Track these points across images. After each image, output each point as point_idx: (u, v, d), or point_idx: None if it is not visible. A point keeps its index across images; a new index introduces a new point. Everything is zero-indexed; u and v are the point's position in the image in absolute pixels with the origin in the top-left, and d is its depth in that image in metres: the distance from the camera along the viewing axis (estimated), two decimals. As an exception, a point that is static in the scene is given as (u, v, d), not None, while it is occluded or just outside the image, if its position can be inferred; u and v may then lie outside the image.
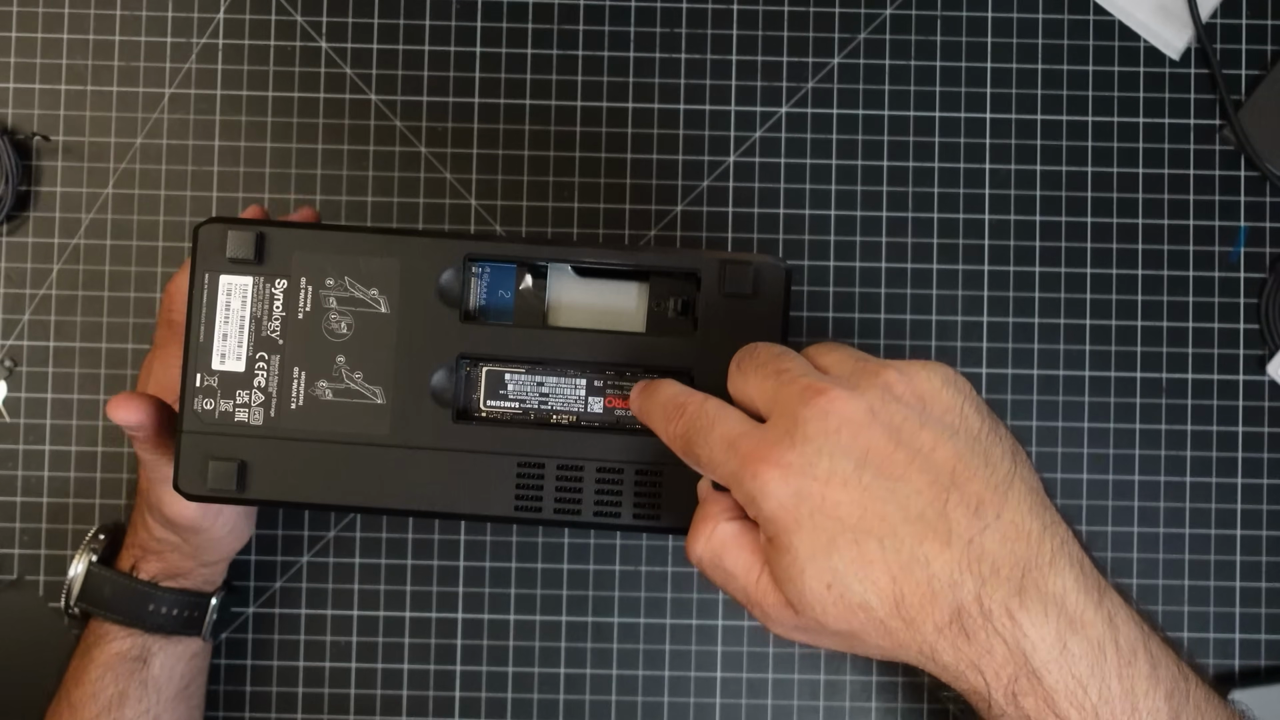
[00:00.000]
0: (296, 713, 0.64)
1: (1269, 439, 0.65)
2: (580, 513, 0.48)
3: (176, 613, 0.58)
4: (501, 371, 0.49)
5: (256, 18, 0.66)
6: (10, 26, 0.66)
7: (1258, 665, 0.64)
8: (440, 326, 0.48)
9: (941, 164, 0.65)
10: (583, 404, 0.49)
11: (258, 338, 0.48)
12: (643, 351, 0.48)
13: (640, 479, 0.48)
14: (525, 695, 0.64)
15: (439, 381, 0.48)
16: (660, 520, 0.48)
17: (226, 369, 0.48)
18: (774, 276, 0.47)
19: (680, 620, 0.64)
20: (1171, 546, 0.64)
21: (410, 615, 0.64)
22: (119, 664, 0.57)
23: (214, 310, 0.48)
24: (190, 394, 0.48)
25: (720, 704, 0.64)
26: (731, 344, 0.46)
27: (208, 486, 0.48)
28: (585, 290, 0.50)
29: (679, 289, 0.49)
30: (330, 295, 0.48)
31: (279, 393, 0.48)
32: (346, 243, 0.48)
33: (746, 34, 0.66)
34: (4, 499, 0.65)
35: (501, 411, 0.49)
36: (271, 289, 0.48)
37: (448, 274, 0.48)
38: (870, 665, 0.64)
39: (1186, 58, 0.66)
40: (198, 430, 0.48)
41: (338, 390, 0.48)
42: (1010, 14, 0.66)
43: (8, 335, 0.65)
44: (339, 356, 0.48)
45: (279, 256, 0.48)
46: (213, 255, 0.48)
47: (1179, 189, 0.65)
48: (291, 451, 0.48)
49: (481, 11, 0.66)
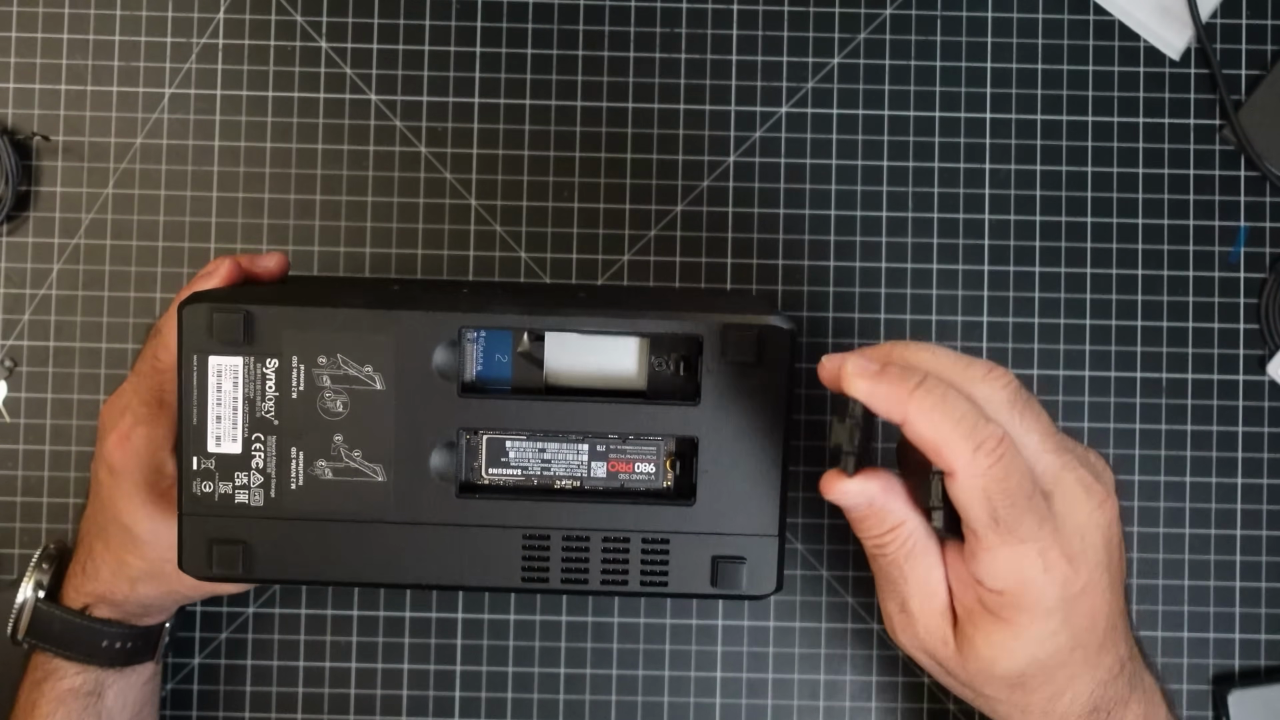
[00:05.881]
0: (296, 713, 0.64)
1: (1269, 439, 0.65)
2: (588, 582, 0.47)
3: (130, 645, 0.57)
4: (503, 439, 0.48)
5: (256, 18, 0.66)
6: (10, 26, 0.66)
7: (1258, 665, 0.64)
8: (438, 400, 0.47)
9: (941, 164, 0.65)
10: (585, 469, 0.48)
11: (252, 419, 0.47)
12: (644, 420, 0.47)
13: (647, 547, 0.47)
14: (525, 695, 0.64)
15: (439, 456, 0.47)
16: (668, 587, 0.47)
17: (223, 451, 0.47)
18: (778, 340, 0.46)
19: (680, 620, 0.64)
20: (1171, 546, 0.64)
21: (410, 615, 0.64)
22: (71, 699, 0.56)
23: (205, 392, 0.47)
24: (188, 476, 0.47)
25: (720, 704, 0.64)
26: (735, 410, 0.46)
27: (213, 570, 0.47)
28: (584, 348, 0.49)
29: (680, 345, 0.48)
30: (324, 373, 0.47)
31: (278, 473, 0.47)
32: (337, 320, 0.46)
33: (746, 34, 0.66)
34: (4, 499, 0.65)
35: (504, 479, 0.48)
36: (263, 369, 0.47)
37: (442, 347, 0.47)
38: (870, 665, 0.64)
39: (1186, 58, 0.66)
40: (198, 513, 0.47)
41: (337, 469, 0.47)
42: (1010, 14, 0.66)
43: (8, 335, 0.65)
44: (336, 435, 0.47)
45: (268, 335, 0.46)
46: (199, 336, 0.46)
47: (1179, 189, 0.65)
48: (294, 532, 0.47)
49: (481, 11, 0.66)
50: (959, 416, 0.39)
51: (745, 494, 0.47)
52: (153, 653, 0.58)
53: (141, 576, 0.55)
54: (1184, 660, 0.64)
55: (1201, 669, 0.64)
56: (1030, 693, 0.42)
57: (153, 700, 0.60)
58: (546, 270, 0.65)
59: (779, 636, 0.64)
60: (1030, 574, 0.39)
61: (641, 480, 0.49)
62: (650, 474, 0.49)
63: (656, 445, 0.48)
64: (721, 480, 0.47)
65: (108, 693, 0.57)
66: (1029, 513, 0.39)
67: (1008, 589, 0.40)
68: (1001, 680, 0.41)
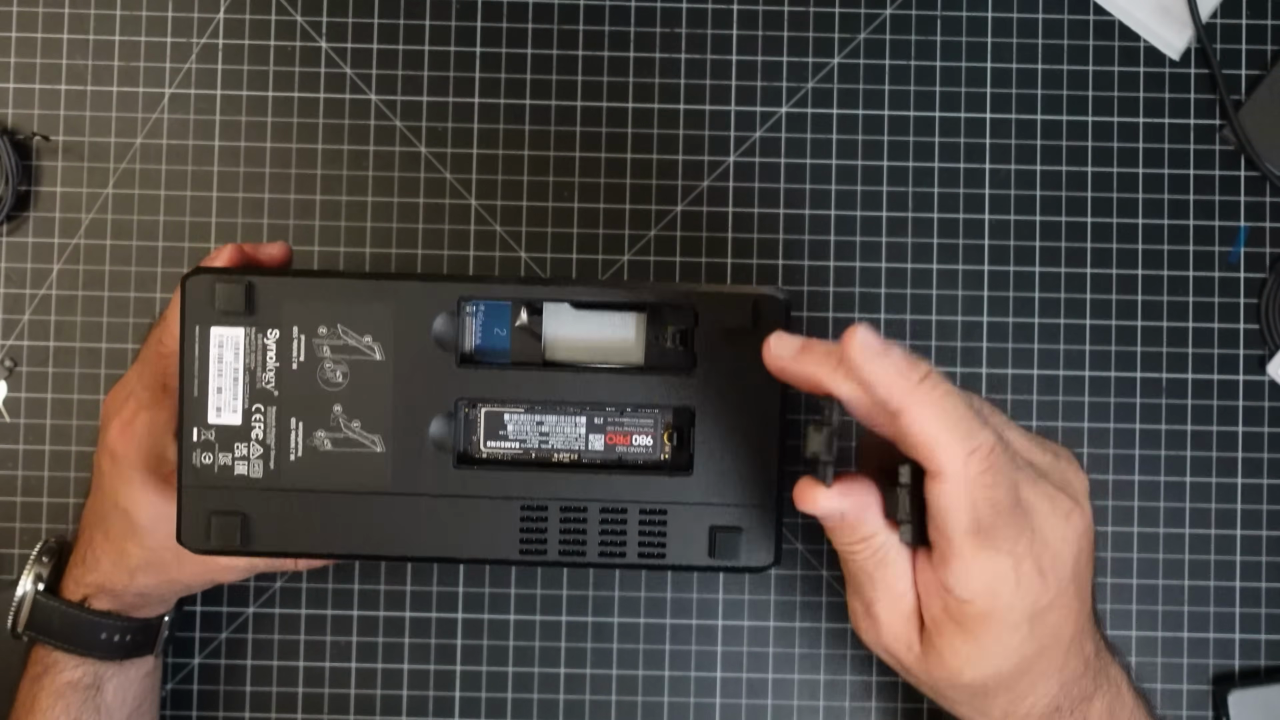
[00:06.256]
0: (296, 713, 0.64)
1: (1269, 439, 0.65)
2: (585, 554, 0.47)
3: (130, 639, 0.57)
4: (500, 412, 0.49)
5: (256, 18, 0.66)
6: (10, 26, 0.66)
7: (1258, 665, 0.64)
8: (437, 371, 0.47)
9: (941, 164, 0.65)
10: (583, 442, 0.49)
11: (253, 389, 0.47)
12: (642, 390, 0.48)
13: (645, 518, 0.47)
14: (525, 695, 0.64)
15: (438, 426, 0.47)
16: (666, 559, 0.47)
17: (223, 422, 0.47)
18: (773, 309, 0.47)
19: (680, 620, 0.64)
20: (1171, 546, 0.64)
21: (410, 615, 0.64)
22: (70, 693, 0.56)
23: (206, 363, 0.47)
24: (188, 448, 0.47)
25: (720, 704, 0.64)
26: (732, 381, 0.46)
27: (212, 542, 0.47)
28: (582, 323, 0.49)
29: (677, 318, 0.48)
30: (324, 344, 0.47)
31: (277, 444, 0.47)
32: (337, 290, 0.47)
33: (746, 34, 0.66)
34: (4, 499, 0.65)
35: (502, 452, 0.49)
36: (264, 339, 0.47)
37: (442, 317, 0.47)
38: (870, 665, 0.64)
39: (1186, 58, 0.66)
40: (198, 484, 0.47)
41: (336, 440, 0.47)
42: (1010, 14, 0.66)
43: (8, 335, 0.65)
44: (336, 406, 0.47)
45: (269, 306, 0.47)
46: (202, 307, 0.47)
47: (1179, 189, 0.65)
48: (293, 503, 0.47)
49: (481, 11, 0.66)
50: (959, 416, 0.38)
51: (742, 464, 0.47)
52: (152, 646, 0.58)
53: (141, 566, 0.55)
54: (1184, 660, 0.64)
55: (1201, 669, 0.64)
56: (992, 698, 0.42)
57: (152, 695, 0.60)
58: (546, 270, 0.65)
59: (779, 636, 0.64)
60: (1001, 586, 0.39)
61: (639, 453, 0.49)
62: (648, 446, 0.49)
63: (654, 417, 0.49)
64: (718, 451, 0.48)
65: (107, 686, 0.57)
66: (1010, 524, 0.39)
67: (977, 599, 0.39)
68: (965, 688, 0.41)
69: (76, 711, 0.56)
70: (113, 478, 0.54)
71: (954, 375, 0.65)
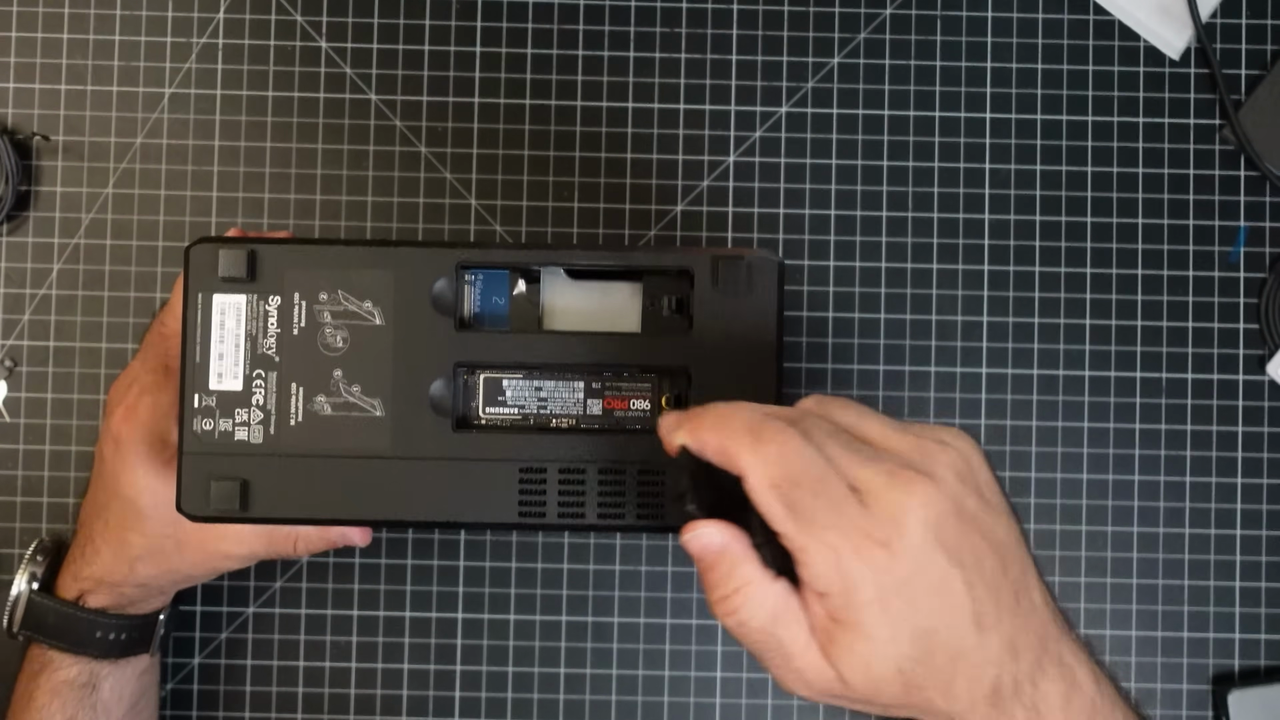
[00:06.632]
0: (296, 713, 0.64)
1: (1269, 439, 0.65)
2: (584, 515, 0.48)
3: (125, 636, 0.57)
4: (499, 378, 0.49)
5: (256, 18, 0.66)
6: (10, 26, 0.66)
7: (1258, 665, 0.64)
8: (436, 336, 0.48)
9: (941, 164, 0.65)
10: (581, 406, 0.49)
11: (254, 355, 0.47)
12: (639, 352, 0.48)
13: (643, 479, 0.48)
14: (525, 695, 0.64)
15: (437, 391, 0.48)
16: (665, 520, 0.48)
17: (224, 388, 0.48)
18: (767, 270, 0.47)
19: (680, 620, 0.64)
20: (1171, 546, 0.64)
21: (410, 615, 0.64)
22: (66, 691, 0.56)
23: (209, 330, 0.47)
24: (189, 414, 0.47)
25: (720, 704, 0.64)
26: (727, 340, 0.46)
27: (211, 507, 0.47)
28: (579, 292, 0.50)
29: (673, 287, 0.49)
30: (324, 310, 0.47)
31: (278, 410, 0.48)
32: (338, 257, 0.48)
33: (746, 34, 0.66)
34: (4, 499, 0.65)
35: (501, 418, 0.49)
36: (265, 306, 0.47)
37: (441, 283, 0.48)
38: (870, 665, 0.64)
39: (1186, 58, 0.66)
40: (198, 451, 0.47)
41: (336, 404, 0.48)
42: (1010, 14, 0.66)
43: (8, 335, 0.65)
44: (336, 371, 0.48)
45: (271, 273, 0.47)
46: (205, 275, 0.47)
47: (1179, 189, 0.65)
48: (293, 468, 0.48)
49: (481, 11, 0.66)
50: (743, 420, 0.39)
51: None
52: (148, 644, 0.58)
53: (142, 555, 0.55)
54: (1184, 660, 0.64)
55: (1201, 669, 0.64)
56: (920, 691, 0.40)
57: (150, 694, 0.60)
58: (546, 270, 0.65)
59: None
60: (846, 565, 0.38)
61: (637, 416, 0.49)
62: (645, 410, 0.49)
63: (651, 381, 0.49)
64: None
65: (103, 685, 0.57)
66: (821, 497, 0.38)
67: (832, 587, 0.38)
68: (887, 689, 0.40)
69: (73, 710, 0.56)
70: (115, 463, 0.54)
71: (954, 375, 0.65)
